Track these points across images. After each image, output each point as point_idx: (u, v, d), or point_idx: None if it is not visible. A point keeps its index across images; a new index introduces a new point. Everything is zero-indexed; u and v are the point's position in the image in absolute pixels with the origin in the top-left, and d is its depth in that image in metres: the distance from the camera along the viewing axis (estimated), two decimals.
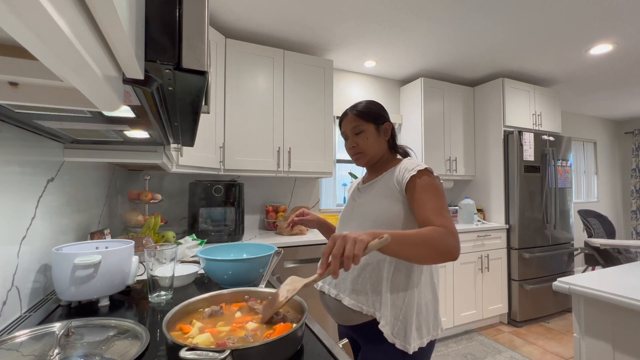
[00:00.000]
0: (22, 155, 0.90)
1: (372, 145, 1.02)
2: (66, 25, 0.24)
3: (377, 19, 2.19)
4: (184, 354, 0.52)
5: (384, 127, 1.04)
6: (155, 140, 1.06)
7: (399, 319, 0.88)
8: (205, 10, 0.45)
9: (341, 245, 0.64)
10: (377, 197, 0.98)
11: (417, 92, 3.09)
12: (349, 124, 1.03)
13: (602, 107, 4.33)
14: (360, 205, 1.02)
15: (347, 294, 0.94)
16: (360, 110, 1.02)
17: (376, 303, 0.90)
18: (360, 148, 1.02)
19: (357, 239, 0.64)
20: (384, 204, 0.95)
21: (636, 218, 4.85)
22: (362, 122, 1.01)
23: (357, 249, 0.63)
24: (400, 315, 0.88)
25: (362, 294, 0.92)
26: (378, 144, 1.03)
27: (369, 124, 1.01)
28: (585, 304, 1.21)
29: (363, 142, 1.01)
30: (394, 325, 0.87)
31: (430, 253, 0.76)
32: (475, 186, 3.34)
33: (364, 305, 0.91)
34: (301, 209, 1.17)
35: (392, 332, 0.87)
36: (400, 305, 0.89)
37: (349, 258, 0.62)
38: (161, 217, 1.79)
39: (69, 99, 0.51)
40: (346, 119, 1.05)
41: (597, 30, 2.33)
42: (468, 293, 2.79)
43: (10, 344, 0.65)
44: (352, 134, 1.03)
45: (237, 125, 2.28)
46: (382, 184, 0.99)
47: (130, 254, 1.02)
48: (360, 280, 0.93)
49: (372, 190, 1.02)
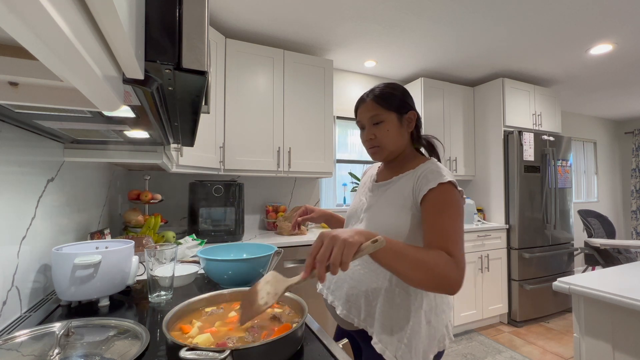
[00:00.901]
0: (22, 155, 0.90)
1: (392, 138, 0.88)
2: (66, 25, 0.24)
3: (377, 19, 2.19)
4: (184, 354, 0.52)
5: (407, 117, 0.89)
6: (155, 140, 1.06)
7: (404, 342, 0.79)
8: (205, 10, 0.45)
9: (329, 247, 0.58)
10: (388, 203, 0.87)
11: (417, 92, 3.09)
12: (367, 112, 0.89)
13: (602, 107, 4.33)
14: (371, 208, 0.92)
15: (341, 303, 0.89)
16: (380, 96, 0.88)
17: (368, 318, 0.84)
18: (378, 141, 0.88)
19: (347, 242, 0.58)
20: (393, 212, 0.85)
21: (636, 218, 4.85)
22: (382, 110, 0.87)
23: (345, 254, 0.57)
24: (405, 339, 0.79)
25: (354, 307, 0.86)
26: (400, 136, 0.89)
27: (390, 113, 0.87)
28: (585, 304, 1.21)
29: (383, 134, 0.87)
30: (397, 349, 0.79)
31: (426, 278, 0.67)
32: (475, 186, 3.34)
33: (356, 318, 0.86)
34: (303, 207, 1.10)
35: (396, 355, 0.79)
36: (404, 329, 0.80)
37: (335, 265, 0.57)
38: (161, 217, 1.79)
39: (69, 99, 0.51)
40: (364, 106, 0.90)
41: (597, 30, 2.33)
42: (468, 293, 2.79)
43: (10, 344, 0.65)
44: (370, 123, 0.89)
45: (237, 125, 2.28)
46: (397, 189, 0.88)
47: (130, 254, 1.02)
48: (354, 292, 0.86)
49: (384, 193, 0.91)
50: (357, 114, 0.94)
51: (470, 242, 2.81)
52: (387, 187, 0.92)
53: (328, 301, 0.96)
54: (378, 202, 0.91)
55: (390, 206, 0.87)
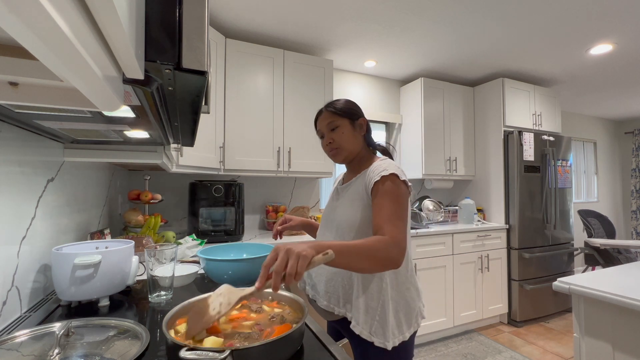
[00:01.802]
0: (22, 155, 0.90)
1: (348, 140, 1.03)
2: (66, 25, 0.24)
3: (377, 19, 2.19)
4: (184, 354, 0.52)
5: (358, 122, 1.05)
6: (155, 140, 1.06)
7: (376, 319, 0.90)
8: (205, 10, 0.45)
9: (284, 259, 0.63)
10: (349, 202, 1.00)
11: (417, 92, 3.09)
12: (324, 121, 1.05)
13: (602, 107, 4.33)
14: (336, 209, 1.05)
15: (321, 295, 1.01)
16: (334, 107, 1.04)
17: (347, 304, 0.95)
18: (336, 143, 1.03)
19: (301, 255, 0.64)
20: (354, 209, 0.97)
21: (636, 218, 4.85)
22: (336, 117, 1.03)
23: (299, 266, 0.63)
24: (377, 315, 0.90)
25: (334, 297, 0.97)
26: (354, 138, 1.04)
27: (343, 119, 1.03)
28: (585, 304, 1.21)
29: (339, 137, 1.02)
30: (371, 326, 0.90)
31: (371, 265, 0.77)
32: (475, 186, 3.34)
33: (336, 307, 0.97)
34: (283, 217, 1.18)
35: (370, 332, 0.90)
36: (375, 307, 0.91)
37: (291, 275, 0.62)
38: (161, 217, 1.79)
39: (69, 99, 0.51)
40: (321, 117, 1.06)
41: (597, 30, 2.33)
42: (468, 293, 2.79)
43: (10, 344, 0.65)
44: (328, 130, 1.04)
45: (237, 125, 2.28)
46: (355, 188, 1.01)
47: (130, 254, 1.02)
48: (332, 284, 0.98)
49: (346, 193, 1.04)
50: (316, 125, 1.09)
51: (470, 242, 2.81)
52: (348, 187, 1.05)
53: (310, 296, 1.07)
54: (342, 202, 1.04)
55: (351, 203, 0.99)
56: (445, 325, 2.66)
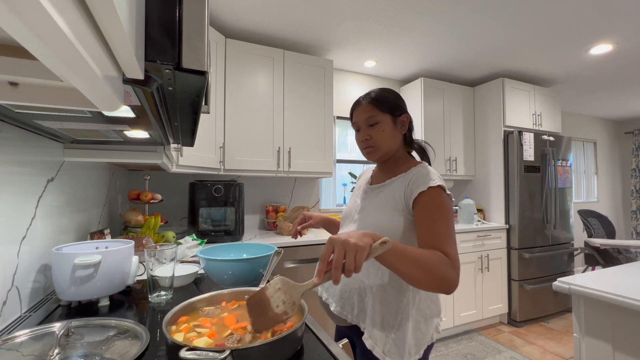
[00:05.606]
0: (22, 155, 0.90)
1: (387, 139, 0.92)
2: (66, 25, 0.24)
3: (377, 19, 2.19)
4: (183, 354, 0.52)
5: (401, 119, 0.93)
6: (155, 140, 1.06)
7: (391, 336, 0.83)
8: (205, 10, 0.45)
9: (341, 253, 0.60)
10: (381, 205, 0.91)
11: (417, 92, 3.09)
12: (363, 114, 0.93)
13: (602, 107, 4.33)
14: (364, 210, 0.96)
15: (335, 300, 0.93)
16: (376, 99, 0.92)
17: (361, 314, 0.87)
18: (373, 141, 0.92)
19: (358, 246, 0.60)
20: (386, 214, 0.89)
21: (636, 218, 4.85)
22: (377, 112, 0.91)
23: (358, 259, 0.60)
24: (393, 334, 0.83)
25: (348, 304, 0.90)
26: (394, 138, 0.93)
27: (385, 115, 0.91)
28: (585, 304, 1.21)
29: (378, 135, 0.91)
30: (385, 344, 0.83)
31: (426, 278, 0.70)
32: (475, 186, 3.34)
33: (349, 314, 0.90)
34: (302, 214, 1.13)
35: (384, 350, 0.82)
36: (392, 324, 0.84)
37: (350, 271, 0.59)
38: (161, 217, 1.79)
39: (69, 99, 0.51)
40: (359, 108, 0.94)
41: (597, 30, 2.33)
42: (468, 293, 2.79)
43: (10, 344, 0.65)
44: (366, 125, 0.93)
45: (237, 125, 2.28)
46: (389, 192, 0.92)
47: (130, 254, 1.02)
48: (348, 289, 0.91)
49: (378, 195, 0.95)
50: (352, 116, 0.98)
51: (470, 242, 2.81)
52: (380, 189, 0.95)
53: (323, 298, 1.00)
54: (371, 204, 0.95)
55: (382, 208, 0.90)
56: (445, 325, 2.66)
